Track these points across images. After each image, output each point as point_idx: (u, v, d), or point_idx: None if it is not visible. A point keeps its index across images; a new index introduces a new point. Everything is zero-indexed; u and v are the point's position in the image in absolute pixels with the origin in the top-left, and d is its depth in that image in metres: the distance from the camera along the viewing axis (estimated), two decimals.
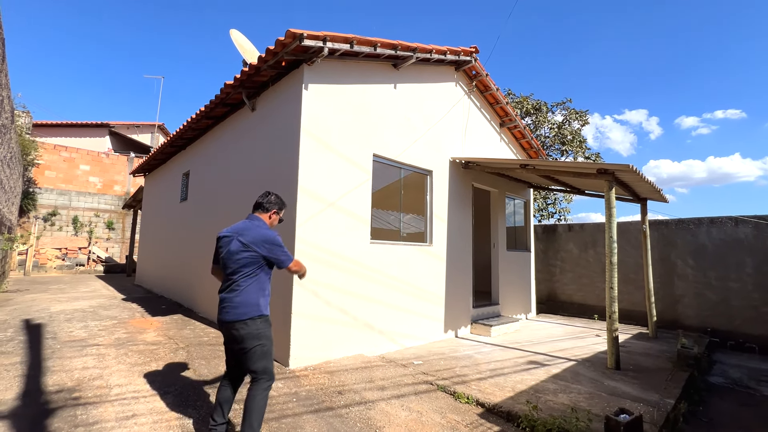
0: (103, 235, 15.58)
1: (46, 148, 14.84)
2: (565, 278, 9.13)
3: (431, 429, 2.91)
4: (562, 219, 13.24)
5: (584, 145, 13.05)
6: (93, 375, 3.45)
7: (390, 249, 5.18)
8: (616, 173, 4.76)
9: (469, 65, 6.60)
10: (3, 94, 4.85)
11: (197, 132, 7.08)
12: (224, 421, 2.44)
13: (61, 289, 8.77)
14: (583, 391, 3.73)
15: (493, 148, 7.59)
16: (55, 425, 2.58)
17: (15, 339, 4.43)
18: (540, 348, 5.40)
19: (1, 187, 6.54)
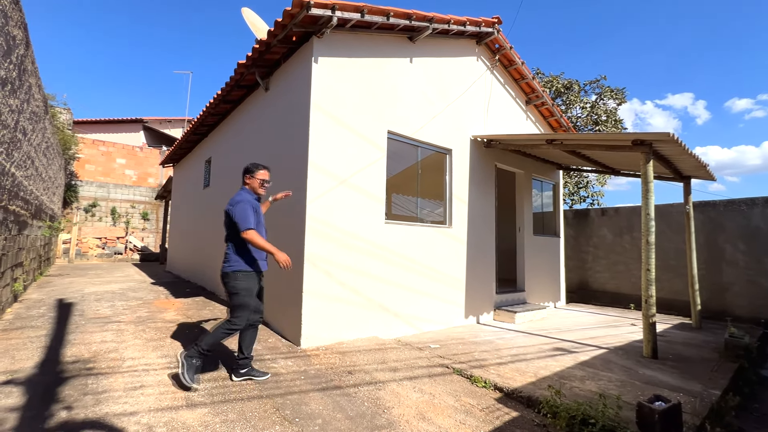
0: (138, 225, 16.33)
1: (85, 143, 15.66)
2: (597, 265, 8.60)
3: (443, 411, 2.74)
4: (595, 204, 12.50)
5: (620, 125, 12.19)
6: (109, 348, 3.51)
7: (406, 230, 4.99)
8: (654, 144, 4.32)
9: (491, 37, 6.23)
10: (31, 81, 5.03)
11: (217, 118, 7.14)
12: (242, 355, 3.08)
13: (98, 275, 9.22)
14: (614, 378, 3.42)
15: (518, 126, 7.18)
16: (66, 392, 2.61)
17: (45, 315, 4.63)
18: (568, 336, 5.07)
19: (39, 175, 6.87)
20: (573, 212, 9.22)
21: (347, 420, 2.52)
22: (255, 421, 2.42)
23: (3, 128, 3.75)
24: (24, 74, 4.49)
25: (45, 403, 2.45)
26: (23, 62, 4.37)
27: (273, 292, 4.66)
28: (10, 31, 3.60)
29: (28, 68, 4.76)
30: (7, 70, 3.65)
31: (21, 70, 4.31)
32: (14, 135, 4.31)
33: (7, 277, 4.66)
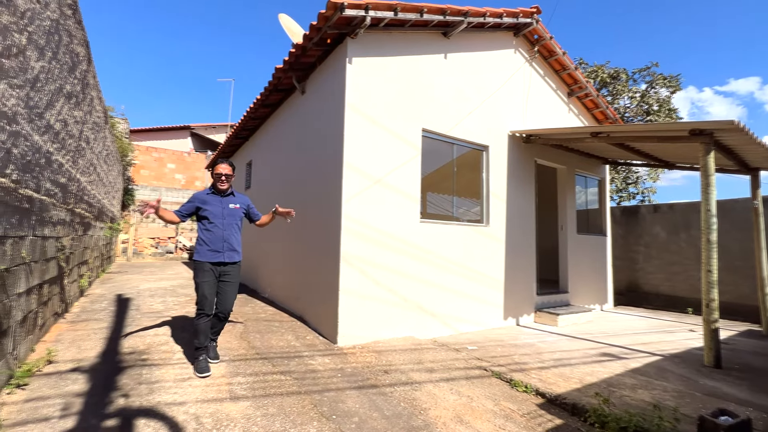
0: (187, 226, 17.34)
1: (140, 150, 16.88)
2: (649, 266, 8.02)
3: (481, 415, 2.66)
4: (647, 200, 11.66)
5: (674, 115, 11.28)
6: (161, 341, 3.75)
7: (442, 229, 4.91)
8: (715, 134, 3.95)
9: (529, 28, 5.99)
10: (92, 94, 5.48)
11: (257, 122, 7.41)
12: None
13: (152, 272, 9.90)
14: (669, 388, 3.17)
15: (560, 120, 6.85)
16: (123, 381, 2.82)
17: (107, 309, 5.03)
18: (617, 340, 4.76)
19: (100, 181, 7.48)
20: (621, 209, 8.66)
21: (383, 419, 2.52)
22: (294, 416, 2.48)
23: (69, 138, 4.12)
24: (86, 88, 4.90)
25: (105, 390, 2.65)
26: (86, 77, 4.77)
27: (311, 290, 4.77)
28: (74, 48, 3.94)
29: (90, 82, 5.19)
30: (72, 84, 4.00)
31: (84, 84, 4.70)
32: (79, 144, 4.71)
33: (74, 273, 5.11)
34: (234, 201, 3.35)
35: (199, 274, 3.14)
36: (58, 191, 3.80)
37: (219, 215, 3.21)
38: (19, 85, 2.45)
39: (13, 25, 2.26)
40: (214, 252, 3.17)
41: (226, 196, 3.32)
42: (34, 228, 3.05)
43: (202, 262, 3.15)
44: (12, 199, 2.51)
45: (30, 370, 2.78)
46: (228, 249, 3.22)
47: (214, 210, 3.21)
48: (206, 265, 3.14)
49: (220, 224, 3.20)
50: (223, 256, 3.19)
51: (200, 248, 3.18)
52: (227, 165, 3.30)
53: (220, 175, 3.24)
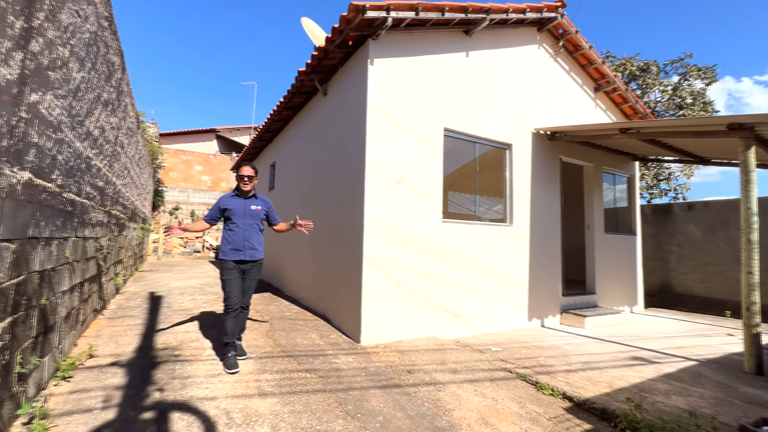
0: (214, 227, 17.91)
1: (169, 152, 17.52)
2: (683, 267, 7.68)
3: (507, 418, 2.63)
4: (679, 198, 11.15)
5: (710, 108, 10.72)
6: (192, 338, 3.89)
7: (465, 228, 4.87)
8: (756, 128, 3.74)
9: (554, 23, 5.84)
10: (126, 101, 5.75)
11: (281, 124, 7.56)
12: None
13: (181, 271, 10.27)
14: (706, 395, 3.03)
15: (586, 116, 6.65)
16: (158, 375, 2.95)
17: (141, 306, 5.26)
18: (648, 344, 4.60)
19: (133, 183, 7.83)
20: (652, 207, 8.33)
21: (408, 419, 2.53)
22: (320, 414, 2.53)
23: (106, 143, 4.33)
24: (121, 95, 5.14)
25: (142, 384, 2.79)
26: (120, 85, 5.01)
27: (334, 290, 4.84)
28: (110, 58, 4.15)
29: (124, 90, 5.44)
30: (108, 92, 4.21)
31: (119, 92, 4.94)
32: (114, 149, 4.95)
33: (111, 272, 5.37)
34: (256, 203, 3.48)
35: (224, 272, 3.30)
36: (97, 194, 4.01)
37: (241, 215, 3.36)
38: (62, 96, 2.61)
39: (57, 39, 2.41)
40: (236, 251, 3.32)
41: (248, 198, 3.45)
42: (76, 229, 3.24)
43: (226, 260, 3.32)
44: (57, 203, 2.67)
45: (73, 363, 2.95)
46: (249, 248, 3.36)
47: (236, 211, 3.36)
48: (230, 263, 3.30)
49: (241, 224, 3.35)
50: (244, 254, 3.33)
51: (224, 248, 3.36)
52: (250, 167, 3.44)
53: (243, 176, 3.38)
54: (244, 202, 3.42)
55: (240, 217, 3.36)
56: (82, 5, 2.92)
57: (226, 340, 3.22)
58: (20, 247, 2.08)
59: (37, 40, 2.08)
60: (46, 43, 2.21)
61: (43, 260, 2.46)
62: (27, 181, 2.11)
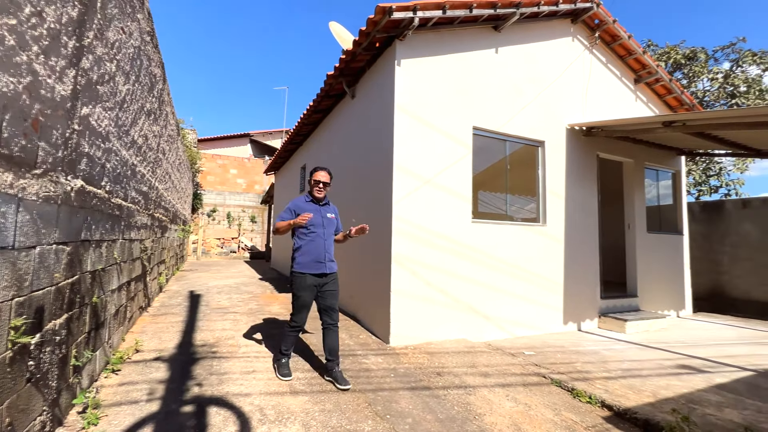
0: (248, 227, 18.57)
1: (206, 157, 18.36)
2: (737, 269, 7.11)
3: (540, 425, 2.55)
4: (732, 194, 10.32)
5: (767, 96, 9.85)
6: (228, 335, 4.06)
7: (495, 229, 4.76)
8: None
9: (589, 14, 5.59)
10: (167, 110, 6.08)
11: (311, 127, 7.72)
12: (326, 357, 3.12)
13: (218, 270, 10.74)
14: (764, 409, 2.79)
15: (626, 109, 6.31)
16: (197, 371, 3.09)
17: (182, 304, 5.55)
18: (697, 351, 4.29)
19: (174, 188, 8.27)
20: (701, 205, 7.77)
21: (437, 422, 2.51)
22: (349, 413, 2.56)
23: (149, 150, 4.61)
24: (162, 105, 5.44)
25: (183, 378, 2.93)
26: (161, 95, 5.30)
27: (363, 290, 4.87)
28: (152, 71, 4.40)
29: (165, 99, 5.75)
30: (150, 102, 4.47)
31: (160, 102, 5.23)
32: (157, 155, 5.25)
33: (155, 272, 5.70)
34: (330, 210, 3.24)
35: (300, 287, 3.00)
36: (141, 198, 4.27)
37: (320, 224, 3.08)
38: (110, 107, 2.80)
39: (105, 56, 2.59)
40: (318, 263, 3.03)
41: (323, 205, 3.19)
42: (123, 232, 3.46)
43: (303, 274, 3.00)
44: (106, 208, 2.87)
45: (122, 357, 3.16)
46: (329, 260, 3.10)
47: (314, 219, 3.05)
48: (308, 278, 3.00)
49: (321, 234, 3.06)
50: (325, 267, 3.06)
51: (302, 259, 3.01)
52: (326, 173, 3.15)
53: (318, 182, 3.11)
54: (320, 210, 3.13)
55: (319, 227, 3.07)
56: (127, 23, 3.12)
57: (284, 350, 3.09)
58: (74, 250, 2.25)
59: (87, 57, 2.25)
60: (95, 59, 2.38)
61: (94, 261, 2.64)
62: (79, 189, 2.28)
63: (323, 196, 3.17)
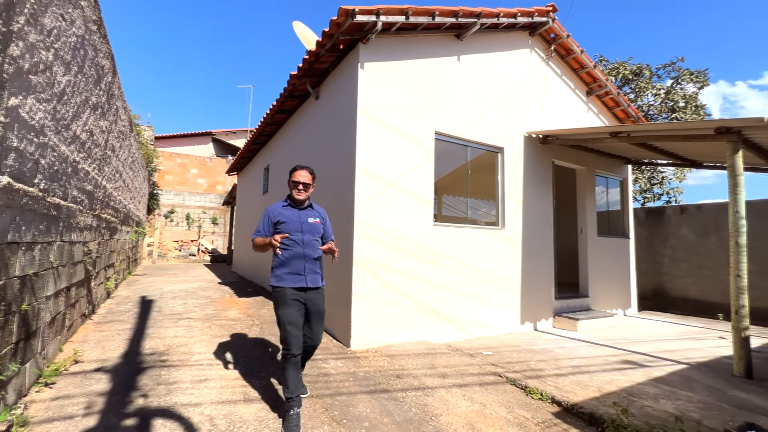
0: (209, 229, 17.84)
1: (164, 156, 17.47)
2: (676, 270, 7.70)
3: (494, 423, 2.61)
4: (673, 201, 11.20)
5: (702, 111, 10.79)
6: (180, 343, 3.86)
7: (456, 232, 4.87)
8: (743, 132, 3.77)
9: (545, 27, 5.87)
10: (118, 104, 5.73)
11: (274, 127, 7.56)
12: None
13: (175, 274, 10.22)
14: (695, 399, 3.03)
15: (579, 120, 6.68)
16: (143, 381, 2.92)
17: (131, 311, 5.22)
18: (640, 347, 4.59)
19: (126, 187, 7.79)
20: (645, 210, 8.36)
21: (394, 425, 2.51)
22: (305, 419, 2.50)
23: (95, 147, 4.31)
24: (112, 99, 5.12)
25: (126, 390, 2.75)
26: (111, 88, 4.99)
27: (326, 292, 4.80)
28: (99, 62, 4.13)
29: (115, 93, 5.42)
30: (97, 96, 4.19)
31: (109, 95, 4.92)
32: (105, 152, 4.93)
33: (101, 276, 5.33)
34: (313, 214, 2.78)
35: (281, 305, 2.55)
36: (85, 198, 3.99)
37: (298, 230, 2.66)
38: (46, 99, 2.59)
39: (39, 43, 2.39)
40: (295, 275, 2.59)
41: (304, 209, 2.76)
42: (62, 234, 3.21)
43: (283, 289, 2.57)
44: (40, 207, 2.65)
45: (57, 369, 2.92)
46: (311, 271, 2.64)
47: (292, 225, 2.65)
48: (288, 292, 2.55)
49: (300, 240, 2.63)
50: (305, 280, 2.60)
51: (280, 271, 2.60)
52: (307, 172, 2.76)
53: (297, 183, 2.71)
54: (300, 214, 2.72)
55: (297, 232, 2.64)
56: (68, 9, 2.91)
57: (287, 395, 2.43)
58: None
59: (17, 44, 2.07)
60: (27, 46, 2.20)
61: (24, 265, 2.43)
62: (6, 186, 2.08)
63: (304, 199, 2.74)
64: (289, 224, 2.65)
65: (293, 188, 2.74)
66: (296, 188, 2.73)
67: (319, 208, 2.89)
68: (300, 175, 2.74)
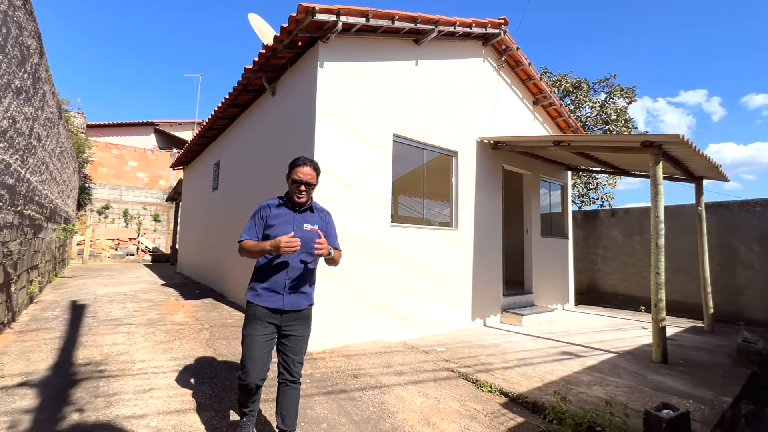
0: (150, 227, 16.60)
1: (98, 146, 15.97)
2: (607, 267, 8.49)
3: (448, 416, 2.74)
4: (606, 205, 12.33)
5: (631, 124, 12.00)
6: (120, 351, 3.58)
7: (412, 233, 4.99)
8: (663, 146, 4.26)
9: (497, 39, 6.20)
10: (45, 89, 5.16)
11: (226, 121, 7.22)
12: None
13: (111, 276, 9.40)
14: (621, 384, 3.38)
15: (526, 127, 7.13)
16: (78, 395, 2.68)
17: (60, 317, 4.74)
18: (576, 339, 5.02)
19: (53, 180, 7.03)
20: (582, 213, 9.11)
21: (352, 424, 2.54)
22: (261, 425, 2.45)
23: (18, 136, 3.86)
24: (38, 82, 4.61)
25: (57, 406, 2.51)
26: (37, 71, 4.48)
27: None
28: (24, 41, 3.70)
29: (42, 76, 4.88)
30: (21, 79, 3.75)
31: (35, 79, 4.42)
32: (29, 142, 4.42)
33: (23, 280, 4.78)
34: (311, 219, 2.24)
35: (247, 322, 2.13)
36: (5, 193, 3.56)
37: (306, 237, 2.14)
38: None
39: None
40: (271, 292, 2.12)
41: (301, 212, 2.24)
42: None
43: (253, 305, 2.14)
44: None
45: None
46: (291, 289, 2.14)
47: (281, 229, 2.14)
48: (259, 310, 2.11)
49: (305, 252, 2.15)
50: (282, 300, 2.11)
51: (255, 283, 2.17)
52: (311, 169, 2.20)
53: (299, 183, 2.16)
54: (294, 217, 2.20)
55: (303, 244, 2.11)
56: None
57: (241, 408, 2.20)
58: None
59: None
60: None
61: None
62: None
63: (304, 201, 2.22)
64: (278, 228, 2.15)
65: (294, 190, 2.18)
66: (298, 190, 2.17)
67: (321, 209, 2.35)
68: (304, 173, 2.16)
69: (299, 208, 2.23)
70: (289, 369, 2.18)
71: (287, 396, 2.19)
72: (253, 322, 2.11)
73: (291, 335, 2.16)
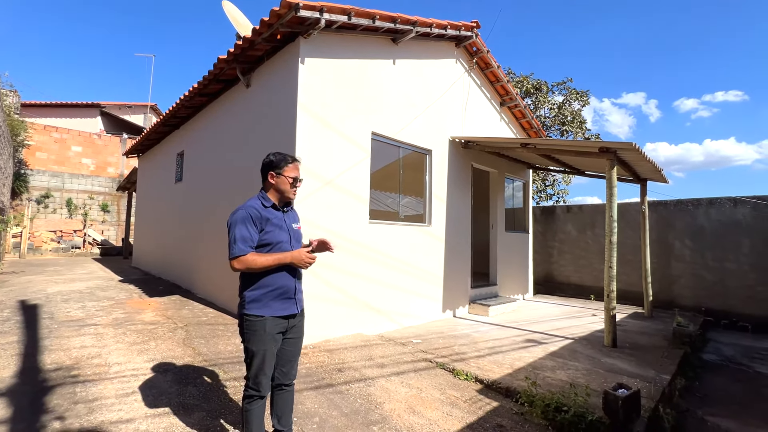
0: (98, 218, 15.45)
1: (36, 128, 14.52)
2: (562, 259, 9.17)
3: (431, 404, 2.93)
4: (561, 201, 13.22)
5: (584, 126, 12.90)
6: (91, 354, 3.43)
7: (389, 229, 5.13)
8: (618, 152, 4.69)
9: (469, 41, 6.41)
10: None
11: (191, 110, 6.90)
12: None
13: (57, 271, 8.72)
14: (580, 368, 3.77)
15: (493, 127, 7.47)
16: (55, 402, 2.57)
17: (11, 319, 4.40)
18: (537, 327, 5.45)
19: None
20: (541, 209, 9.73)
21: (343, 417, 2.66)
22: None
23: None
24: None
25: (34, 414, 2.40)
26: None
27: None
28: None
29: None
30: None
31: None
32: None
33: None
34: (294, 217, 2.24)
35: (258, 337, 1.96)
36: None
37: (286, 240, 2.08)
38: None
39: None
40: (286, 300, 2.03)
41: (287, 212, 2.18)
42: None
43: (262, 318, 1.96)
44: None
45: None
46: (299, 292, 2.13)
47: (281, 233, 2.05)
48: (269, 323, 1.96)
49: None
50: (295, 305, 2.08)
51: (259, 293, 1.98)
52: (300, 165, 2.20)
53: (295, 180, 2.11)
54: (284, 217, 2.12)
55: (286, 243, 2.07)
56: None
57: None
58: None
59: None
60: None
61: None
62: None
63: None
64: (274, 233, 2.03)
65: (290, 186, 2.10)
66: (293, 187, 2.12)
67: (295, 210, 2.32)
68: (298, 170, 2.14)
69: (285, 208, 2.16)
70: (288, 373, 2.14)
71: (284, 398, 2.16)
72: (263, 336, 1.95)
73: (292, 337, 2.12)
